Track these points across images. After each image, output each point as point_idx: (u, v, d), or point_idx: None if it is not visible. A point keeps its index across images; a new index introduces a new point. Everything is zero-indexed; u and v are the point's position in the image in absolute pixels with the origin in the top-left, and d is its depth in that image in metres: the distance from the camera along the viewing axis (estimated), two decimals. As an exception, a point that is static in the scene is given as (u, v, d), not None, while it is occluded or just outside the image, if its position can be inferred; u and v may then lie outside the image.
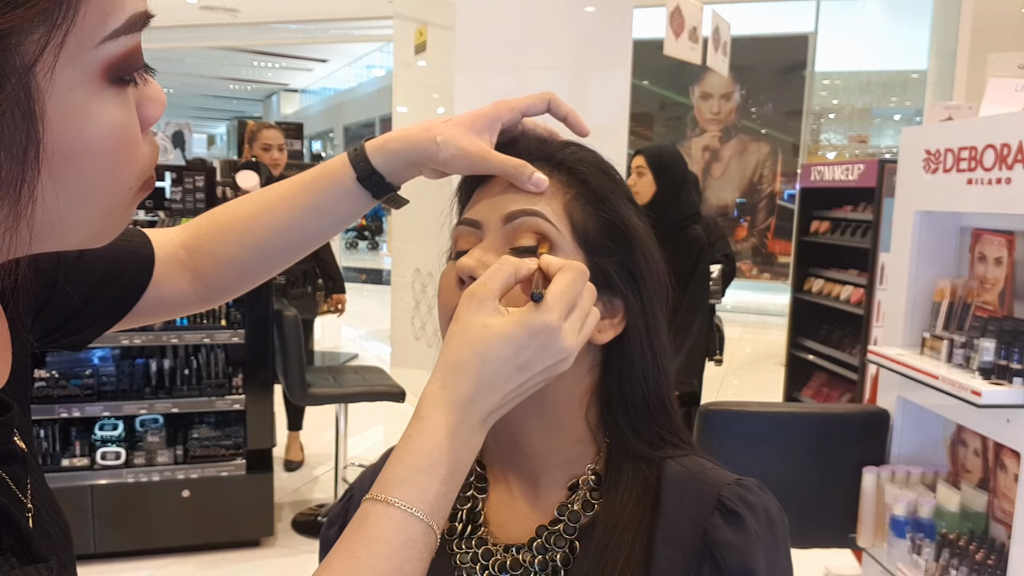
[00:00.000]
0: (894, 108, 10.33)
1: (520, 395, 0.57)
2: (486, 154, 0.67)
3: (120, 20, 0.40)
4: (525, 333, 0.55)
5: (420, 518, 0.52)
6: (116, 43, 0.40)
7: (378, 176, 0.73)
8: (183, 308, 0.79)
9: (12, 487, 0.50)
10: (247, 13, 10.97)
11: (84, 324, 0.72)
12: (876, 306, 3.92)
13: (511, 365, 0.55)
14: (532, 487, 0.70)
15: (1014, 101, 1.93)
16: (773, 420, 1.87)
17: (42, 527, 0.55)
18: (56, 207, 0.40)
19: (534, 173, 0.66)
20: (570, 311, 0.57)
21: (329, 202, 0.75)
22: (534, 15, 4.53)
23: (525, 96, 0.72)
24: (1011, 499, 1.63)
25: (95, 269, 0.71)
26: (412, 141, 0.71)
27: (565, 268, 0.59)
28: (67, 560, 0.57)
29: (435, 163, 0.70)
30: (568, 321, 0.57)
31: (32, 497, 0.54)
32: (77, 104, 0.40)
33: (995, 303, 1.74)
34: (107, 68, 0.40)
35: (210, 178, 3.17)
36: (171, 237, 0.78)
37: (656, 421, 0.69)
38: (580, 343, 0.58)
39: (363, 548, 0.50)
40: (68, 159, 0.40)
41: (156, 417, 3.21)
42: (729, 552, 0.61)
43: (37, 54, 0.37)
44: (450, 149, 0.68)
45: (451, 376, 0.55)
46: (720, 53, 6.06)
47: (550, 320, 0.55)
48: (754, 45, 9.73)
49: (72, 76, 0.39)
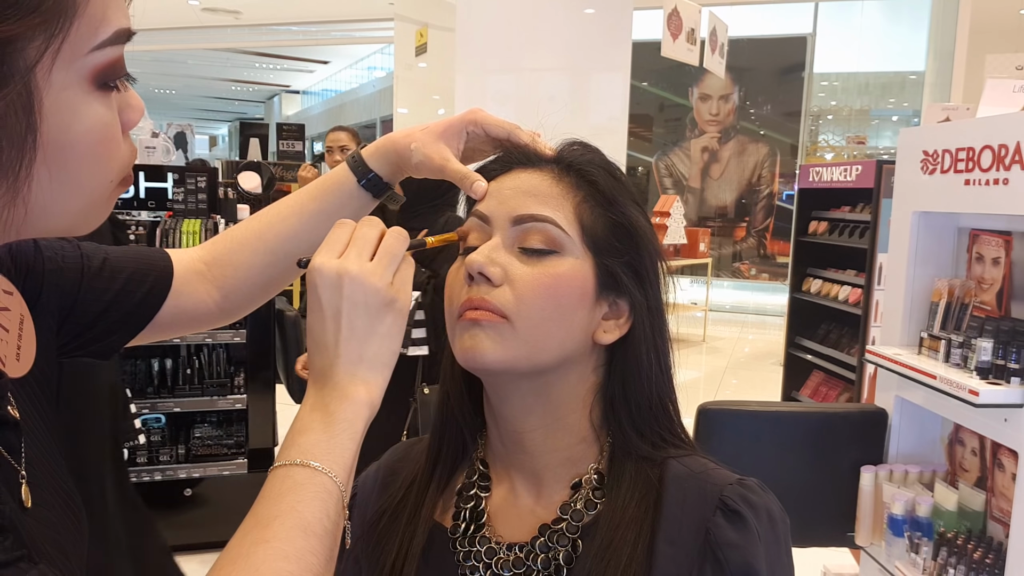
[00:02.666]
0: (892, 109, 10.34)
1: (353, 339, 0.58)
2: (445, 163, 0.74)
3: (107, 33, 0.47)
4: (326, 288, 0.58)
5: (300, 463, 0.55)
6: (103, 52, 0.47)
7: (375, 176, 0.81)
8: (204, 320, 0.83)
9: (3, 453, 0.54)
10: (249, 15, 10.98)
11: (107, 331, 0.75)
12: (874, 306, 3.94)
13: (323, 318, 0.58)
14: (535, 486, 0.71)
15: (1012, 102, 1.94)
16: (771, 419, 1.87)
17: (41, 495, 0.57)
18: (48, 191, 0.47)
19: (475, 182, 0.70)
20: (368, 257, 0.59)
21: (334, 205, 0.81)
22: (534, 17, 4.54)
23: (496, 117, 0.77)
24: (1009, 498, 1.64)
25: (117, 278, 0.75)
26: (395, 145, 0.79)
27: (360, 222, 0.62)
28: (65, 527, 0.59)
29: (409, 167, 0.78)
30: (371, 264, 0.59)
31: (31, 467, 0.57)
32: (69, 102, 0.46)
33: (992, 303, 1.75)
34: (95, 74, 0.47)
35: (212, 179, 3.18)
36: (190, 254, 0.83)
37: (658, 422, 0.69)
38: (399, 283, 0.60)
39: (258, 505, 0.54)
40: (60, 149, 0.46)
41: (158, 416, 3.21)
42: (731, 551, 0.62)
43: (38, 57, 0.44)
44: (419, 155, 0.76)
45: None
46: (717, 55, 6.07)
47: (340, 266, 0.58)
48: (753, 46, 9.74)
49: (65, 78, 0.46)
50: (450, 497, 0.74)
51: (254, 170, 3.38)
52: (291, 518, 0.52)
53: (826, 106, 10.33)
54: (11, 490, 0.53)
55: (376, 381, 0.59)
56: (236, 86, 19.59)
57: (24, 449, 0.57)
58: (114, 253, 0.77)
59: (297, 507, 0.53)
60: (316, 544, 0.52)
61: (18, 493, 0.54)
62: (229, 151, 23.76)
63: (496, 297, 0.64)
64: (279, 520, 0.52)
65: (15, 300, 0.61)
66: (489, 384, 0.70)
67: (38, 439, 0.60)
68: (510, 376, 0.66)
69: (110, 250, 0.77)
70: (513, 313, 0.64)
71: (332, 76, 18.52)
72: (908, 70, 9.76)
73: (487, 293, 0.64)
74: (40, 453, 0.59)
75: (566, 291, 0.65)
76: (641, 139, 10.71)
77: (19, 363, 0.59)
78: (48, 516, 0.57)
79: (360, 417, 0.58)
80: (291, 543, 0.51)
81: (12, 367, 0.58)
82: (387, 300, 0.59)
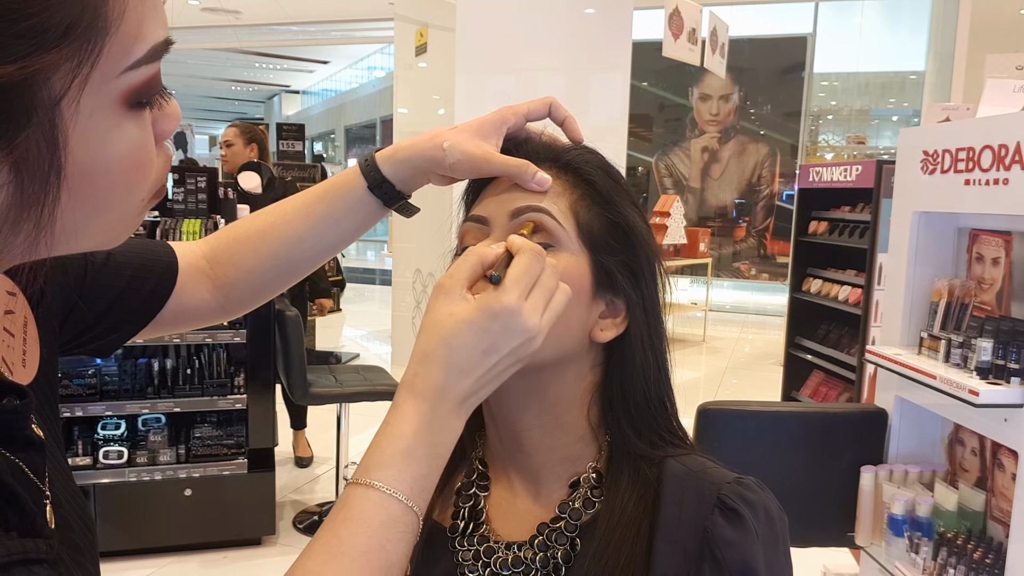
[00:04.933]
0: (892, 109, 10.34)
1: (494, 378, 0.58)
2: (490, 156, 0.69)
3: (142, 51, 0.41)
4: (486, 316, 0.56)
5: (399, 499, 0.53)
6: (137, 72, 0.42)
7: (388, 184, 0.75)
8: (204, 318, 0.82)
9: (29, 474, 0.52)
10: (249, 15, 10.99)
11: (110, 328, 0.74)
12: (874, 306, 3.94)
13: (477, 349, 0.56)
14: (534, 485, 0.71)
15: (1012, 102, 1.94)
16: (771, 419, 1.87)
17: (63, 516, 0.56)
18: (74, 219, 0.42)
19: (537, 172, 0.67)
20: (530, 291, 0.58)
21: (342, 211, 0.77)
22: (534, 17, 4.54)
23: (528, 101, 0.73)
24: (1009, 498, 1.64)
25: (121, 275, 0.73)
26: (419, 149, 0.73)
27: (522, 250, 0.59)
28: (86, 548, 0.58)
29: (442, 168, 0.72)
30: (529, 300, 0.57)
31: (52, 487, 0.55)
32: (98, 129, 0.41)
33: (992, 303, 1.75)
34: (127, 95, 0.42)
35: (212, 179, 3.18)
36: (193, 249, 0.81)
37: (657, 420, 0.69)
38: (548, 322, 0.59)
39: (344, 528, 0.52)
40: (87, 179, 0.42)
41: (158, 416, 3.21)
42: (729, 550, 0.62)
43: (64, 89, 0.38)
44: (456, 154, 0.70)
45: (422, 365, 0.57)
46: (717, 55, 6.08)
47: (508, 301, 0.56)
48: (753, 47, 9.74)
49: (94, 104, 0.40)
50: (449, 496, 0.74)
51: (254, 170, 3.38)
52: (379, 558, 0.51)
53: (826, 106, 10.33)
54: (24, 509, 0.50)
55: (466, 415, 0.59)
56: (236, 86, 19.60)
57: (49, 472, 0.55)
58: (118, 248, 0.75)
59: (387, 547, 0.52)
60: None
61: (44, 516, 0.53)
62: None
63: None
64: (366, 556, 0.51)
65: (19, 302, 0.60)
66: None
67: (51, 452, 0.58)
68: None
69: None
70: None
71: (332, 76, 18.53)
72: (908, 70, 9.76)
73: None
74: (54, 467, 0.58)
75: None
76: (641, 139, 10.71)
77: (25, 369, 0.57)
78: (70, 538, 0.56)
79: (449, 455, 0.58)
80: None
81: (19, 374, 0.56)
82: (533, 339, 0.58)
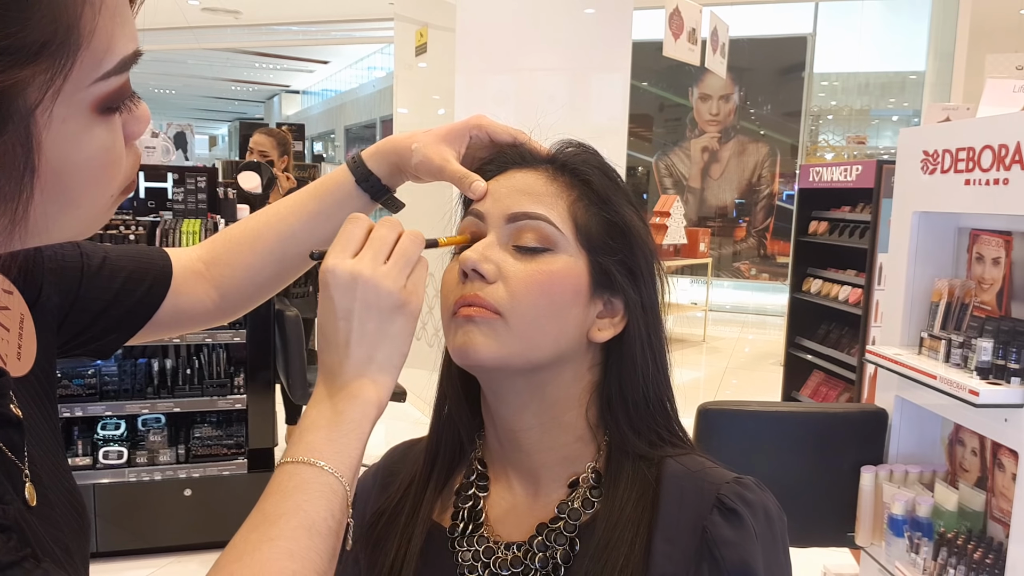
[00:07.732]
0: (892, 109, 10.34)
1: (364, 341, 0.58)
2: (445, 164, 0.74)
3: (112, 63, 0.44)
4: (339, 289, 0.58)
5: (307, 462, 0.55)
6: (107, 82, 0.45)
7: (374, 178, 0.80)
8: (202, 319, 0.83)
9: (6, 451, 0.54)
10: (249, 15, 10.99)
11: (107, 330, 0.76)
12: (874, 306, 3.93)
13: (334, 318, 0.58)
14: (533, 485, 0.71)
15: (1012, 102, 1.94)
16: (771, 419, 1.87)
17: (44, 495, 0.58)
18: (45, 216, 0.46)
19: (474, 182, 0.70)
20: (384, 259, 0.59)
21: (332, 206, 0.81)
22: (534, 17, 4.54)
23: (503, 125, 0.77)
24: (1009, 498, 1.64)
25: (117, 277, 0.75)
26: (396, 146, 0.79)
27: (379, 222, 0.61)
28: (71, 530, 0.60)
29: (409, 168, 0.77)
30: (386, 267, 0.59)
31: (35, 467, 0.57)
32: (70, 133, 0.44)
33: (993, 303, 1.75)
34: (98, 102, 0.45)
35: (212, 179, 3.18)
36: (189, 252, 0.83)
37: (655, 420, 0.70)
38: (412, 286, 0.60)
39: (263, 501, 0.55)
40: (59, 178, 0.45)
41: (158, 416, 3.21)
42: (728, 549, 0.62)
43: (39, 100, 0.41)
44: (419, 155, 0.76)
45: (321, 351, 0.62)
46: (718, 55, 6.08)
47: (354, 268, 0.58)
48: (753, 46, 9.74)
49: (67, 111, 0.43)
50: (448, 497, 0.75)
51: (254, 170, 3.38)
52: (296, 517, 0.52)
53: (826, 106, 10.33)
54: (16, 489, 0.53)
55: (385, 382, 0.59)
56: (236, 86, 19.60)
57: (27, 448, 0.57)
58: (114, 252, 0.77)
59: (303, 506, 0.53)
60: (320, 543, 0.52)
61: (23, 492, 0.55)
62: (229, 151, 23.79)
63: (490, 294, 0.64)
64: (285, 518, 0.52)
65: (15, 299, 0.61)
66: (485, 382, 0.70)
67: (41, 438, 0.61)
68: (505, 373, 0.66)
69: (110, 249, 0.77)
70: (507, 309, 0.64)
71: (332, 76, 18.53)
72: (908, 70, 9.76)
73: (481, 290, 0.64)
74: (43, 452, 0.60)
75: (560, 288, 0.65)
76: (641, 139, 10.71)
77: (20, 362, 0.59)
78: (52, 515, 0.58)
79: (368, 417, 0.58)
80: (296, 542, 0.51)
81: (13, 366, 0.58)
82: (399, 303, 0.59)
